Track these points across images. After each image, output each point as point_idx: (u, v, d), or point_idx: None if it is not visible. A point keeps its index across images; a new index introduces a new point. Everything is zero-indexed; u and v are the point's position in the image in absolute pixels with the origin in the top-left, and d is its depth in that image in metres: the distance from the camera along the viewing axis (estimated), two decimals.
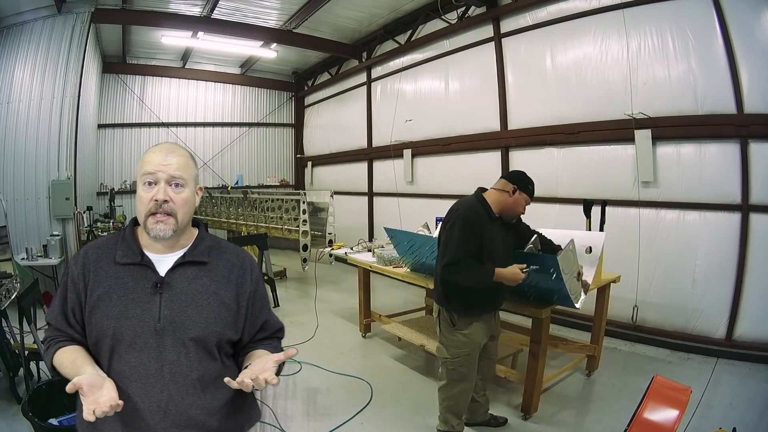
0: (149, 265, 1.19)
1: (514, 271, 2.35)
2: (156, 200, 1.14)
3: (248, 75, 10.22)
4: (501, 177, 2.58)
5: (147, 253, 1.20)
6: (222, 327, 1.20)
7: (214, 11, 6.67)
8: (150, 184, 1.16)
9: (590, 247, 3.08)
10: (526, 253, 2.78)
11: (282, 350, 1.34)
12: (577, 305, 2.78)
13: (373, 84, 8.10)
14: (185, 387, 1.13)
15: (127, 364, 1.12)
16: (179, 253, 1.23)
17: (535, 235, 2.80)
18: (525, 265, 2.39)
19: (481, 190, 2.57)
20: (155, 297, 1.15)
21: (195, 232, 1.29)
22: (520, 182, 2.47)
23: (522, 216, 2.61)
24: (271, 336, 1.35)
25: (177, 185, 1.18)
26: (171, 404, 1.11)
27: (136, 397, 1.10)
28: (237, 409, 1.25)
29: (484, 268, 2.32)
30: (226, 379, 1.08)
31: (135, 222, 1.26)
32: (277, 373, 1.13)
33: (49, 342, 1.18)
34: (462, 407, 2.66)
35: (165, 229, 1.16)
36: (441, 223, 2.62)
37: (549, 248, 2.71)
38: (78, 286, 1.17)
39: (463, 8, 5.94)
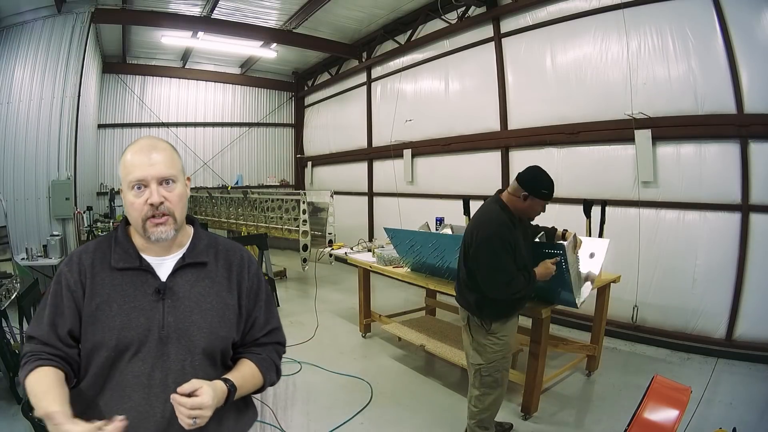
0: (149, 270, 1.14)
1: (547, 267, 2.37)
2: (152, 204, 1.09)
3: (248, 75, 10.22)
4: (516, 177, 2.41)
5: (144, 256, 1.16)
6: (227, 331, 1.17)
7: (214, 11, 6.66)
8: (140, 188, 1.10)
9: (593, 253, 3.08)
10: (534, 243, 2.78)
11: (276, 363, 1.28)
12: (578, 305, 2.78)
13: (373, 84, 8.10)
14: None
15: (130, 373, 1.07)
16: (178, 255, 1.19)
17: (542, 232, 2.80)
18: (554, 259, 2.41)
19: (499, 192, 2.48)
20: (158, 304, 1.11)
21: (191, 230, 1.25)
22: (531, 188, 2.31)
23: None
24: (264, 341, 1.27)
25: (168, 182, 1.13)
26: (174, 413, 1.05)
27: (140, 408, 1.06)
28: (239, 414, 1.23)
29: (528, 277, 2.30)
30: (172, 396, 1.00)
31: (126, 221, 1.20)
32: (227, 402, 1.09)
33: (28, 358, 1.06)
34: (492, 418, 2.55)
35: (166, 230, 1.12)
36: (469, 230, 2.43)
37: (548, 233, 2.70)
38: (76, 295, 1.10)
39: (463, 8, 5.94)
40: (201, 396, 1.01)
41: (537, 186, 2.32)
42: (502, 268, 2.25)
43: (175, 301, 1.13)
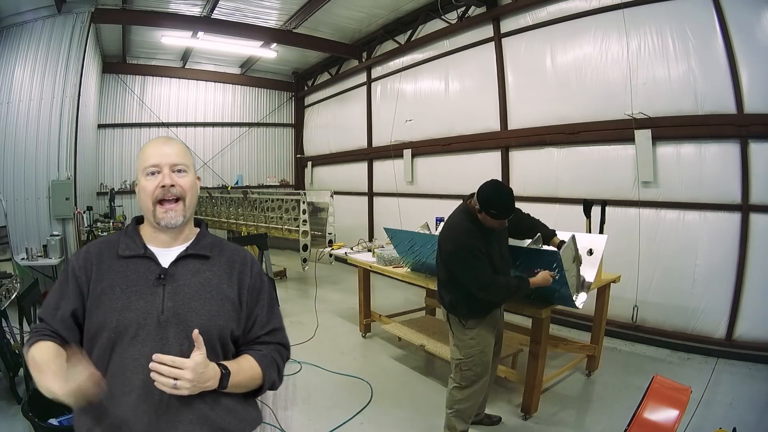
0: (152, 258, 1.19)
1: (546, 278, 2.49)
2: (163, 186, 1.17)
3: (248, 75, 10.22)
4: (479, 187, 2.43)
5: (150, 246, 1.21)
6: (225, 320, 1.19)
7: (214, 11, 6.67)
8: (153, 174, 1.18)
9: (591, 249, 3.08)
10: (529, 248, 2.78)
11: (277, 362, 1.26)
12: (578, 305, 2.79)
13: (373, 84, 8.10)
14: None
15: (129, 356, 1.10)
16: (182, 247, 1.24)
17: (538, 234, 2.80)
18: (555, 272, 2.51)
19: (469, 197, 2.52)
20: (158, 289, 1.15)
21: (197, 230, 1.31)
22: (483, 205, 2.35)
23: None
24: (265, 340, 1.27)
25: (180, 171, 1.20)
26: (173, 398, 1.08)
27: (139, 390, 1.08)
28: (241, 408, 1.23)
29: (520, 283, 2.43)
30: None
31: (137, 221, 1.28)
32: (222, 386, 1.10)
33: (32, 334, 1.16)
34: (471, 411, 2.62)
35: (175, 216, 1.18)
36: (440, 240, 2.57)
37: (545, 232, 2.83)
38: (80, 279, 1.16)
39: (463, 8, 5.94)
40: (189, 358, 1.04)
41: (488, 205, 2.34)
42: (478, 275, 2.36)
43: (175, 288, 1.17)
